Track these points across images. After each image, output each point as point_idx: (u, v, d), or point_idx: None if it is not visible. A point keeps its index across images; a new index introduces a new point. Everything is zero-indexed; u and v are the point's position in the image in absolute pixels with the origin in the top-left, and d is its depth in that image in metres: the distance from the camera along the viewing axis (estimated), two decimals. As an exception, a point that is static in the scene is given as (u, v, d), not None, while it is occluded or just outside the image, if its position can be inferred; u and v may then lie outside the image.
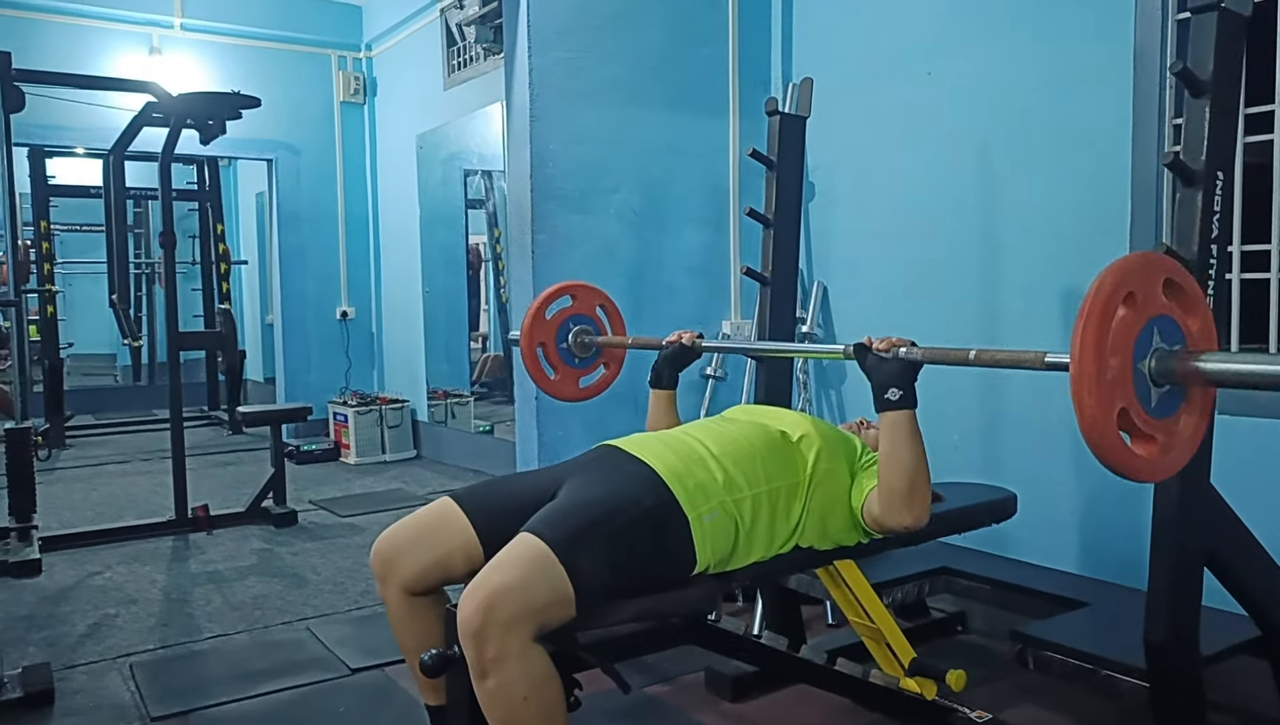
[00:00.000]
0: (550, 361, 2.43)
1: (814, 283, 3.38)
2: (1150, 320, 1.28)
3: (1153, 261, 1.33)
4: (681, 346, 2.17)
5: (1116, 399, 1.25)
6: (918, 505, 1.68)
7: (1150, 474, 1.33)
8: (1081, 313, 1.23)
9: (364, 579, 3.39)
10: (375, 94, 6.31)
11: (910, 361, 1.65)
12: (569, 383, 2.47)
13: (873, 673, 2.03)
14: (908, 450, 1.66)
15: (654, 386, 2.19)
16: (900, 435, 1.66)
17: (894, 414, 1.66)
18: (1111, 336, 1.24)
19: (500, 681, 1.42)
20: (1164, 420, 1.31)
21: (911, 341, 1.67)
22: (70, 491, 5.02)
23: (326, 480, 5.27)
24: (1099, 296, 1.23)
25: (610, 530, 1.56)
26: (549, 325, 2.40)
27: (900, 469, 1.67)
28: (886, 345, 1.67)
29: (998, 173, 2.84)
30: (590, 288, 2.50)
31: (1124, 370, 1.25)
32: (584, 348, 2.45)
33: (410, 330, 5.99)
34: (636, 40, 3.29)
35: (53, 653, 2.71)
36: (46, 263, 6.68)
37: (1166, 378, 1.29)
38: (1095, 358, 1.22)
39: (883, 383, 1.67)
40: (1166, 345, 1.30)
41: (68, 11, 5.38)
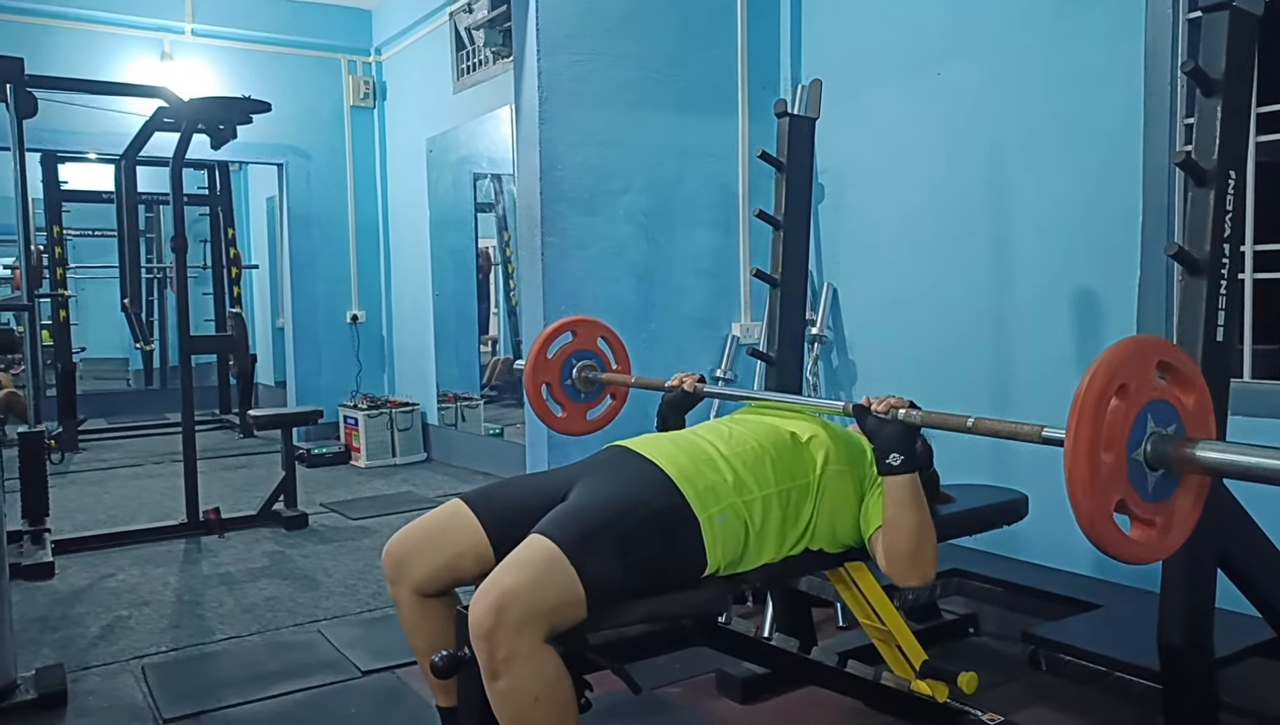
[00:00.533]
0: (556, 399, 2.44)
1: (824, 284, 3.37)
2: (1144, 407, 1.27)
3: (1145, 346, 1.31)
4: (683, 392, 2.18)
5: (1112, 493, 1.24)
6: (924, 565, 1.70)
7: (1150, 557, 1.32)
8: (1073, 411, 1.21)
9: (375, 581, 3.40)
10: (385, 98, 6.33)
11: (909, 425, 1.65)
12: (577, 418, 2.49)
13: (884, 675, 2.02)
14: (912, 514, 1.67)
15: (660, 431, 2.18)
16: (904, 500, 1.66)
17: (897, 479, 1.66)
18: (1105, 431, 1.22)
19: (511, 683, 1.42)
20: (1161, 503, 1.30)
21: (910, 402, 1.67)
22: (83, 494, 5.05)
23: (337, 483, 5.29)
24: (1090, 393, 1.21)
25: (621, 532, 1.56)
26: (551, 364, 2.41)
27: (904, 533, 1.67)
28: (885, 407, 1.66)
29: (1008, 173, 2.83)
30: (591, 321, 2.51)
31: (1119, 464, 1.24)
32: (588, 383, 2.46)
33: (420, 334, 6.01)
34: (645, 43, 3.30)
35: (66, 654, 2.73)
36: (59, 267, 6.72)
37: (1162, 463, 1.28)
38: (1090, 457, 1.21)
39: (884, 448, 1.67)
40: (1161, 428, 1.28)
41: (79, 17, 5.41)
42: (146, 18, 5.61)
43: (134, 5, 5.55)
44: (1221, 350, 1.69)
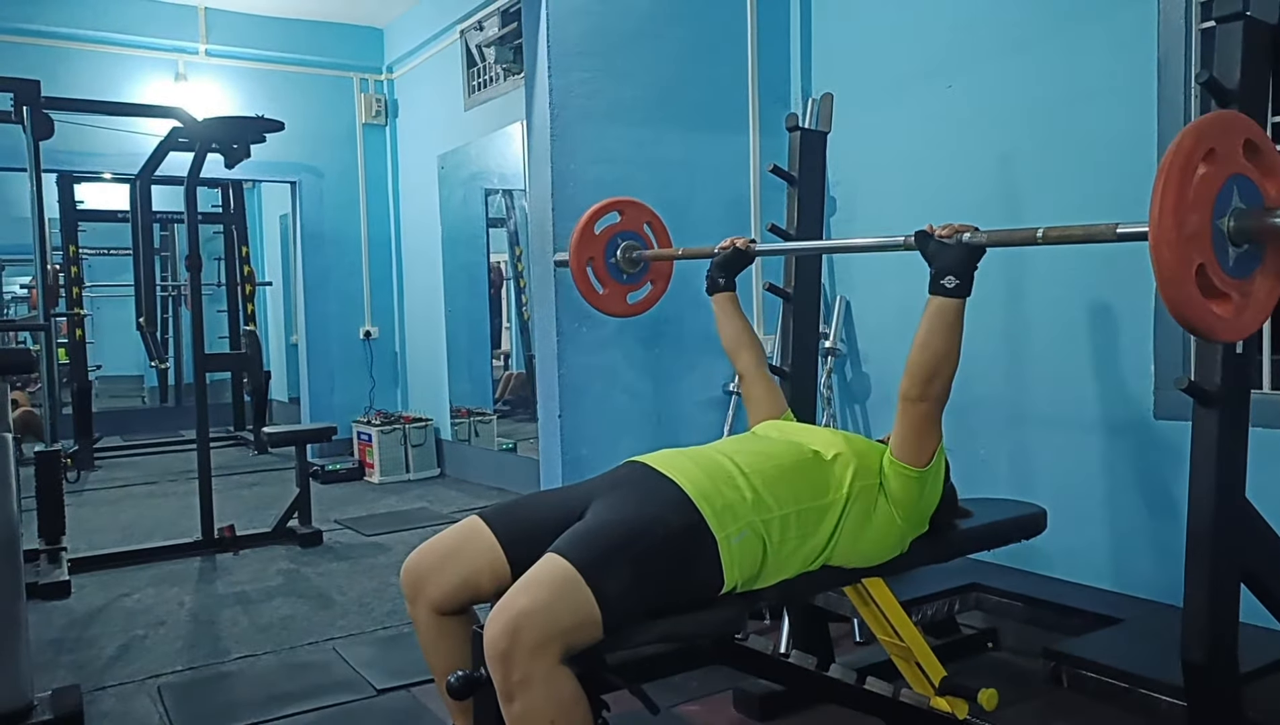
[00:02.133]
0: (599, 277, 2.44)
1: (836, 297, 3.36)
2: (1229, 178, 1.27)
3: (1233, 120, 1.32)
4: (736, 250, 2.19)
5: (1194, 255, 1.24)
6: (937, 385, 1.69)
7: (1226, 332, 1.32)
8: (1162, 169, 1.22)
9: (390, 599, 3.39)
10: (397, 115, 6.37)
11: (973, 246, 1.64)
12: (617, 298, 2.49)
13: (903, 691, 2.00)
14: (946, 337, 1.66)
15: (711, 292, 2.21)
16: (944, 321, 1.65)
17: (945, 300, 1.65)
18: (1192, 192, 1.23)
19: (527, 705, 1.41)
20: (1240, 280, 1.30)
21: (975, 226, 1.65)
22: (99, 513, 5.07)
23: (351, 500, 5.29)
24: (1180, 151, 1.22)
25: (637, 552, 1.55)
26: (597, 241, 2.41)
27: (933, 353, 1.67)
28: (949, 231, 1.66)
29: (1020, 186, 2.82)
30: (637, 204, 2.51)
31: (1203, 227, 1.24)
32: (632, 263, 2.46)
33: (433, 349, 6.03)
34: (655, 59, 3.31)
35: (82, 675, 2.73)
36: (75, 286, 6.77)
37: (1244, 236, 1.28)
38: (1175, 213, 1.21)
39: (942, 269, 1.65)
40: (1245, 205, 1.28)
41: (95, 40, 5.48)
42: (161, 39, 5.67)
43: (149, 27, 5.61)
44: (1241, 361, 1.67)
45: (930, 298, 1.67)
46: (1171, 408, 2.45)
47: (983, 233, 1.64)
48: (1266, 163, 1.33)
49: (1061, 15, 2.70)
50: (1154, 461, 2.52)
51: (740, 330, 2.20)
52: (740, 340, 2.19)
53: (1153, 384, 2.51)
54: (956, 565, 2.51)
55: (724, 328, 2.21)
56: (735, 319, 2.20)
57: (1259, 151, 1.32)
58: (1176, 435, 2.36)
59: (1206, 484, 1.67)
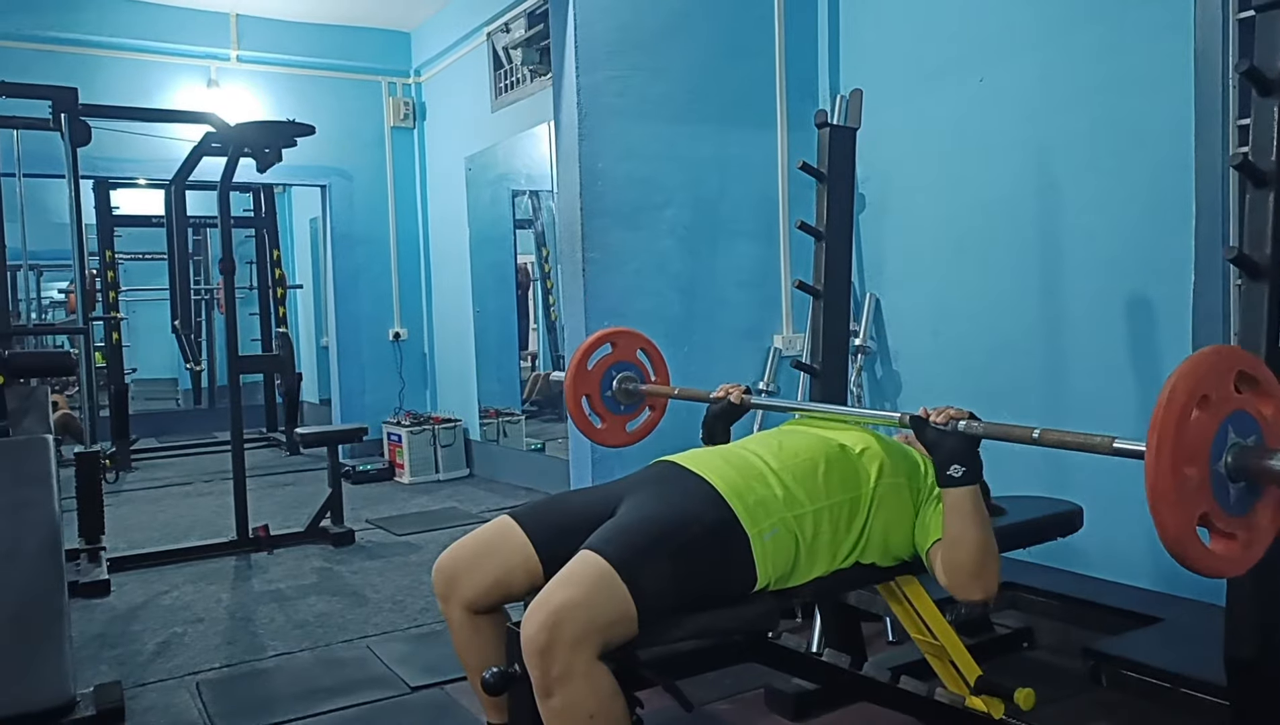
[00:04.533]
0: (596, 411, 2.45)
1: (866, 295, 3.34)
2: (1225, 419, 1.24)
3: (1224, 356, 1.28)
4: (728, 403, 2.15)
5: (1197, 507, 1.22)
6: (988, 579, 1.65)
7: (1232, 570, 1.30)
8: (1154, 424, 1.18)
9: (422, 597, 3.42)
10: (424, 118, 6.42)
11: (970, 436, 1.61)
12: (616, 430, 2.49)
13: (937, 691, 1.99)
14: (975, 528, 1.63)
15: (706, 443, 2.17)
16: (966, 513, 1.63)
17: (958, 492, 1.63)
18: (1188, 445, 1.20)
19: (566, 700, 1.42)
20: (1243, 517, 1.28)
21: (970, 413, 1.62)
22: (137, 513, 5.15)
23: (382, 499, 5.34)
24: (1172, 406, 1.19)
25: (671, 548, 1.55)
26: (591, 376, 2.42)
27: (967, 548, 1.63)
28: (944, 418, 1.63)
29: (1056, 178, 2.79)
30: (630, 332, 2.52)
31: (1201, 478, 1.22)
32: (628, 395, 2.47)
33: (462, 350, 6.06)
34: (683, 56, 3.31)
35: (123, 671, 2.78)
36: (112, 291, 6.89)
37: (1244, 475, 1.26)
38: (1174, 471, 1.18)
39: (944, 460, 1.63)
40: (1241, 439, 1.26)
41: (129, 47, 5.57)
42: (194, 46, 5.75)
43: (182, 34, 5.70)
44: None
45: (944, 492, 1.65)
46: (1211, 403, 2.41)
47: (979, 424, 1.60)
48: (1262, 389, 1.30)
49: (1096, 5, 2.67)
50: (1193, 458, 2.48)
51: None
52: None
53: (1191, 379, 2.47)
54: (993, 563, 2.49)
55: None
56: None
57: (1253, 381, 1.29)
58: (1216, 431, 2.32)
59: (1249, 479, 1.64)
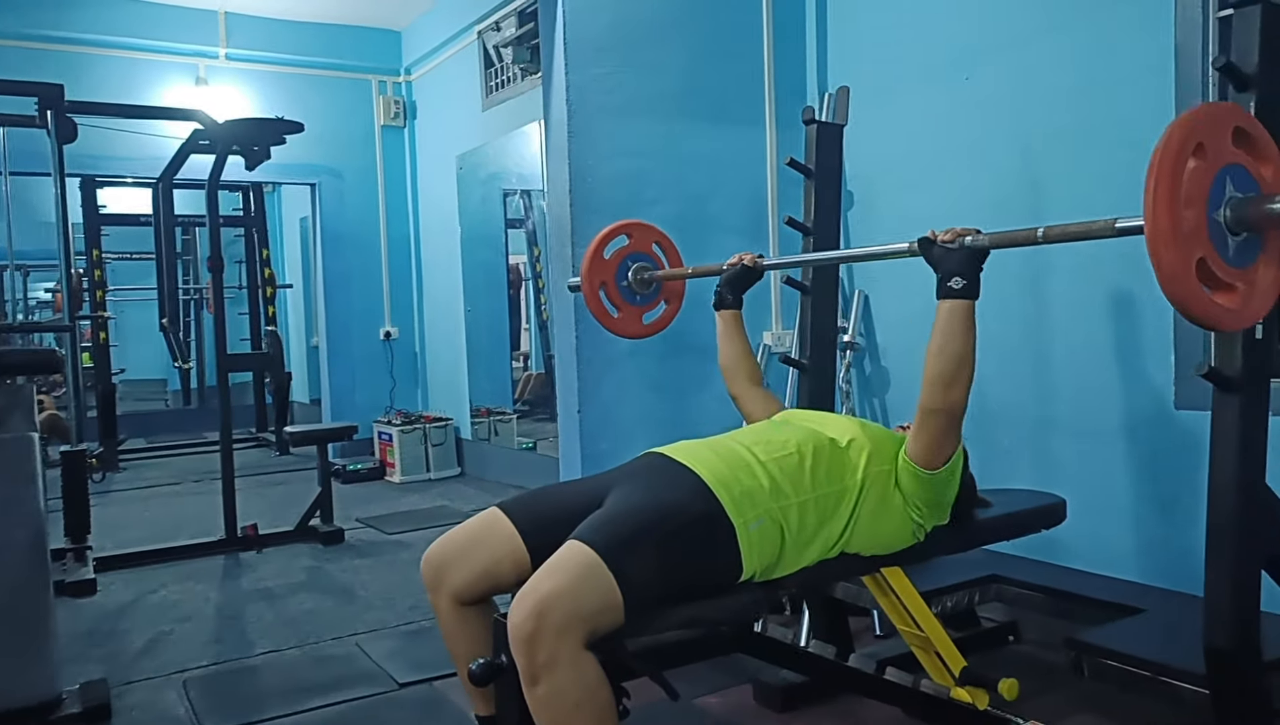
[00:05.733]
0: (612, 300, 2.47)
1: (855, 291, 3.36)
2: (1222, 169, 1.26)
3: (1219, 111, 1.31)
4: (744, 267, 2.20)
5: (1194, 250, 1.23)
6: (957, 389, 1.68)
7: (1233, 322, 1.31)
8: (1151, 168, 1.21)
9: (412, 594, 3.42)
10: (415, 117, 6.42)
11: (976, 248, 1.65)
12: (633, 320, 2.51)
13: (923, 682, 2.00)
14: (961, 340, 1.66)
15: (718, 308, 2.22)
16: (956, 323, 1.66)
17: (954, 302, 1.66)
18: (1184, 188, 1.22)
19: (552, 688, 1.42)
20: (1243, 269, 1.29)
21: (977, 230, 1.67)
22: (125, 513, 5.14)
23: (372, 498, 5.33)
24: (1168, 150, 1.21)
25: (658, 537, 1.56)
26: (608, 265, 2.43)
27: (949, 357, 1.67)
28: (951, 236, 1.68)
29: (1040, 175, 2.81)
30: (645, 226, 2.52)
31: (1199, 221, 1.24)
32: (644, 284, 2.49)
33: (453, 349, 6.06)
34: (672, 55, 3.32)
35: (110, 669, 2.77)
36: (99, 290, 6.87)
37: (1243, 225, 1.27)
38: (1170, 211, 1.20)
39: (948, 272, 1.66)
40: (1240, 193, 1.28)
41: (117, 45, 5.55)
42: (182, 43, 5.74)
43: (170, 32, 5.68)
44: (1261, 347, 1.66)
45: (940, 303, 1.68)
46: (1192, 398, 2.43)
47: (984, 235, 1.65)
48: (1259, 149, 1.32)
49: (1079, 3, 2.69)
50: (1174, 451, 2.51)
51: (741, 352, 2.20)
52: (739, 362, 2.20)
53: (1173, 374, 2.50)
54: (976, 557, 2.51)
55: (724, 346, 2.21)
56: (737, 339, 2.20)
57: (1250, 138, 1.31)
58: (1197, 425, 2.34)
59: (1227, 471, 1.66)
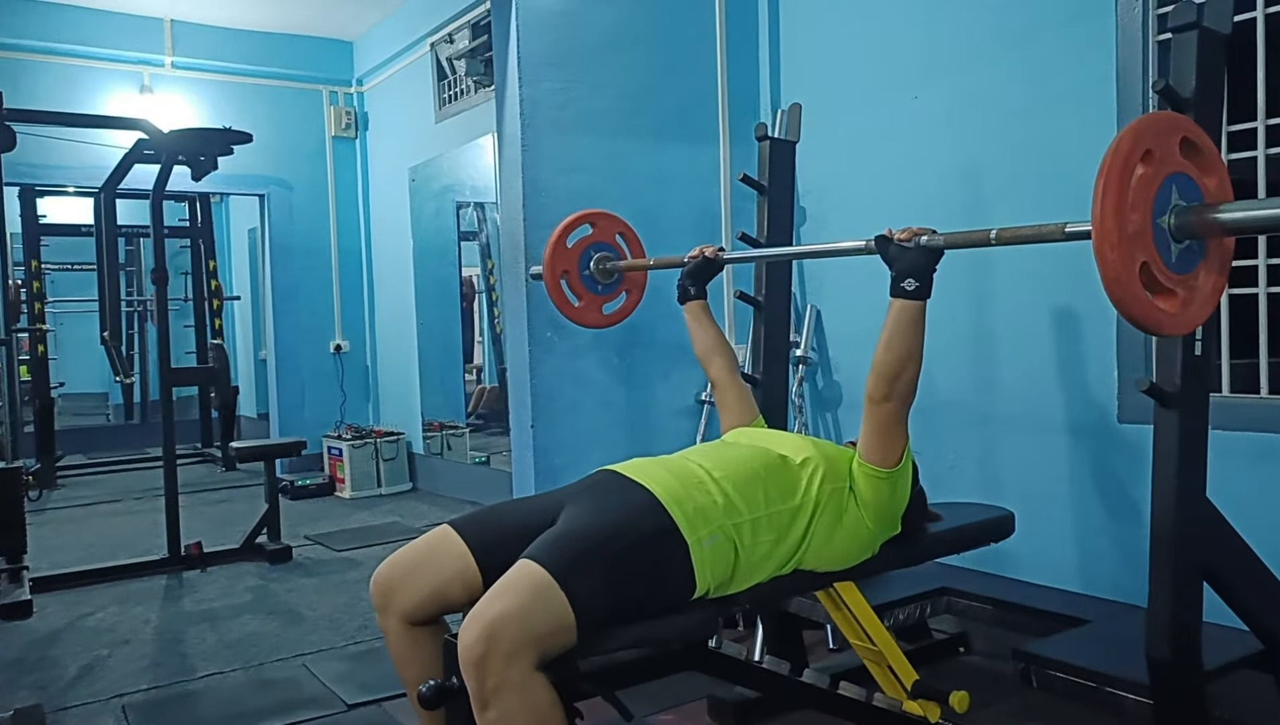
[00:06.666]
0: (573, 289, 2.47)
1: (807, 306, 3.39)
2: (1168, 177, 1.31)
3: (1169, 120, 1.36)
4: (705, 259, 2.23)
5: (1138, 253, 1.27)
6: (902, 384, 1.71)
7: (1172, 327, 1.35)
8: (1101, 171, 1.25)
9: (360, 614, 3.36)
10: (367, 128, 6.35)
11: (931, 248, 1.68)
12: (593, 310, 2.51)
13: (875, 696, 2.02)
14: (909, 338, 1.69)
15: (682, 301, 2.24)
16: (906, 322, 1.69)
17: (906, 302, 1.69)
18: (1131, 192, 1.26)
19: (502, 711, 1.40)
20: (1184, 276, 1.33)
21: (933, 230, 1.70)
22: (61, 532, 4.97)
23: (322, 515, 5.24)
24: (1118, 154, 1.26)
25: (609, 555, 1.55)
26: (570, 253, 2.44)
27: (897, 353, 1.69)
28: (908, 235, 1.71)
29: (985, 194, 2.87)
30: (609, 216, 2.53)
31: (1144, 225, 1.27)
32: (606, 274, 2.49)
33: (405, 363, 5.99)
34: (625, 70, 3.33)
35: (44, 695, 2.67)
36: (37, 302, 6.66)
37: (1186, 232, 1.32)
38: (1116, 213, 1.24)
39: (902, 271, 1.69)
40: (1185, 201, 1.32)
41: (60, 52, 5.41)
42: (126, 51, 5.61)
43: (114, 39, 5.55)
44: (1200, 364, 1.71)
45: (892, 301, 1.71)
46: (1135, 412, 2.49)
47: (940, 236, 1.68)
48: (1205, 160, 1.37)
49: (1024, 27, 2.76)
50: (1118, 464, 2.56)
51: (713, 338, 2.22)
52: (713, 348, 2.21)
53: (1116, 388, 2.56)
54: (927, 570, 2.53)
55: (696, 336, 2.24)
56: (707, 327, 2.23)
57: (1197, 149, 1.36)
58: (1139, 438, 2.40)
59: (1168, 484, 1.70)
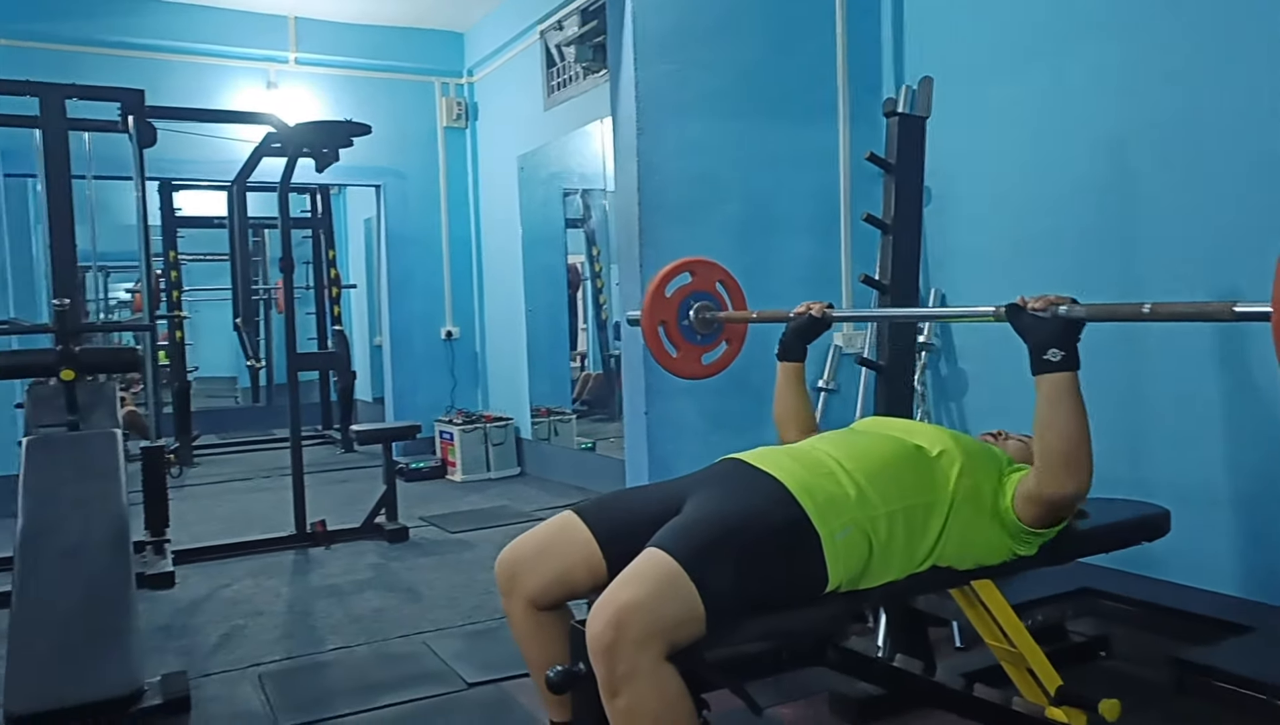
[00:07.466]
0: (672, 339, 2.41)
1: (931, 291, 3.26)
2: None
3: None
4: (810, 318, 2.10)
5: None
6: (1080, 473, 1.54)
7: None
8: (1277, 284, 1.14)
9: (476, 594, 3.41)
10: (477, 118, 6.45)
11: (1071, 320, 1.52)
12: (691, 360, 2.45)
13: (1015, 700, 1.91)
14: (1070, 416, 1.52)
15: (781, 359, 2.14)
16: (1061, 400, 1.53)
17: (1054, 377, 1.53)
18: None
19: (632, 700, 1.38)
20: None
21: (1072, 298, 1.54)
22: (199, 507, 5.25)
23: (434, 497, 5.37)
24: None
25: (739, 546, 1.50)
26: (669, 303, 2.38)
27: (1060, 436, 1.53)
28: (1043, 303, 1.55)
29: (1135, 169, 2.68)
30: (710, 263, 2.47)
31: None
32: (706, 324, 2.42)
33: (513, 349, 6.08)
34: (741, 48, 3.27)
35: (188, 661, 2.81)
36: (175, 290, 7.04)
37: None
38: None
39: (1040, 343, 1.54)
40: None
41: (192, 51, 5.68)
42: (254, 49, 5.85)
43: (242, 38, 5.79)
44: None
45: (1036, 378, 1.55)
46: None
47: (1081, 306, 1.51)
48: None
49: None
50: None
51: (797, 408, 2.10)
52: (793, 417, 2.10)
53: (1282, 378, 2.36)
54: (1068, 569, 2.39)
55: (782, 398, 2.12)
56: (798, 393, 2.11)
57: None
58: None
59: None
